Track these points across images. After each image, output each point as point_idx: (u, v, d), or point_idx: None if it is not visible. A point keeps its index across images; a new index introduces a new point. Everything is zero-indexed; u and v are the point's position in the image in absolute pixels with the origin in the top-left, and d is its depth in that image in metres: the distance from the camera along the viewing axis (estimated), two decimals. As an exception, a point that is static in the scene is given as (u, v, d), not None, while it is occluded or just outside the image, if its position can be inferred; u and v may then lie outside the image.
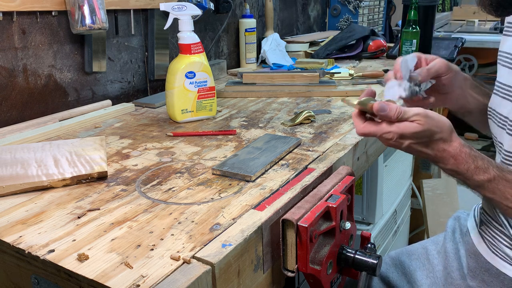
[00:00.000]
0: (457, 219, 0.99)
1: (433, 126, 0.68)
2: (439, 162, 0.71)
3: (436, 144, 0.70)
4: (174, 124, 1.06)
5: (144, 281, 0.49)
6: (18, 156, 0.80)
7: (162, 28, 1.21)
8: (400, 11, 2.36)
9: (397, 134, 0.69)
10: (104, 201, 0.68)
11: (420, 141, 0.69)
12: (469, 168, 0.69)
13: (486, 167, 0.69)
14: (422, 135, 0.68)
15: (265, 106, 1.20)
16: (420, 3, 1.81)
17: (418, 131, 0.68)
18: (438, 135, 0.69)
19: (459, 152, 0.70)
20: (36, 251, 0.55)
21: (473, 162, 0.70)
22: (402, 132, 0.68)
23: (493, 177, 0.69)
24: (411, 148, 0.70)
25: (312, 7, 2.33)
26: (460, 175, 0.71)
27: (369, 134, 0.72)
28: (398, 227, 1.69)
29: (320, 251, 0.65)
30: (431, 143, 0.69)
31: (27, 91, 1.05)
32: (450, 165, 0.70)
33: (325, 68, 1.59)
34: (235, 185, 0.72)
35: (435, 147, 0.70)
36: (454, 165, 0.70)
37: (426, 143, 0.69)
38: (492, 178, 0.69)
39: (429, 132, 0.68)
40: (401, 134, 0.69)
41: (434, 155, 0.71)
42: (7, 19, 0.98)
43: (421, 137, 0.69)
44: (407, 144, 0.70)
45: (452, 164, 0.70)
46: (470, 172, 0.70)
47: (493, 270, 0.82)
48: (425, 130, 0.68)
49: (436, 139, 0.69)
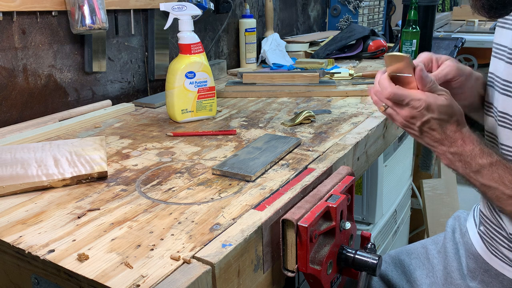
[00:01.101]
0: (457, 219, 0.99)
1: (455, 106, 0.72)
2: (444, 144, 0.73)
3: (451, 125, 0.72)
4: (174, 124, 1.06)
5: (144, 281, 0.49)
6: (18, 156, 0.80)
7: (162, 28, 1.21)
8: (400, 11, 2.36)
9: (426, 102, 0.70)
10: (104, 201, 0.68)
11: (440, 118, 0.71)
12: (474, 150, 0.71)
13: (490, 152, 0.71)
14: (445, 110, 0.70)
15: (265, 106, 1.20)
16: (420, 3, 1.81)
17: (444, 104, 0.70)
18: (456, 116, 0.72)
19: (469, 135, 0.72)
20: (36, 251, 0.55)
21: (479, 145, 0.71)
22: (430, 102, 0.70)
23: (495, 160, 0.70)
24: (428, 125, 0.71)
25: (312, 7, 2.33)
26: (462, 158, 0.72)
27: (399, 95, 0.72)
28: (398, 227, 1.69)
29: (320, 251, 0.65)
30: (447, 123, 0.71)
31: (27, 91, 1.05)
32: (457, 146, 0.72)
33: (325, 68, 1.59)
34: (235, 185, 0.72)
35: (449, 127, 0.72)
36: (461, 146, 0.71)
37: (443, 122, 0.71)
38: (494, 162, 0.70)
39: (451, 110, 0.71)
40: (428, 104, 0.70)
41: (443, 136, 0.72)
42: (7, 19, 0.98)
43: (444, 112, 0.70)
44: (428, 118, 0.71)
45: (459, 145, 0.71)
46: (474, 153, 0.71)
47: (492, 271, 0.82)
48: (449, 106, 0.71)
49: (453, 120, 0.71)
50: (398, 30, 2.58)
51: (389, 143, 1.14)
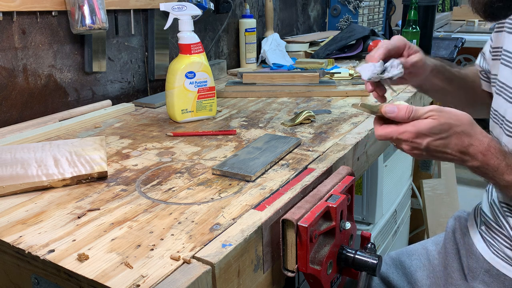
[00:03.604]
0: (458, 219, 0.98)
1: (450, 119, 0.65)
2: (466, 160, 0.67)
3: (459, 138, 0.66)
4: (174, 124, 1.06)
5: (144, 281, 0.49)
6: (18, 156, 0.80)
7: (162, 28, 1.21)
8: (400, 11, 2.36)
9: (412, 133, 0.65)
10: (104, 201, 0.68)
11: (439, 137, 0.65)
12: (500, 166, 0.66)
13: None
14: (439, 129, 0.65)
15: (265, 106, 1.20)
16: (420, 3, 1.81)
17: (434, 125, 0.65)
18: (458, 128, 0.65)
19: (488, 146, 0.66)
20: (36, 251, 0.55)
21: (504, 159, 0.66)
22: (417, 129, 0.65)
23: None
24: (432, 148, 0.66)
25: (312, 7, 2.33)
26: (488, 173, 0.67)
27: (386, 136, 0.69)
28: (398, 227, 1.69)
29: (320, 251, 0.65)
30: (452, 138, 0.66)
31: (27, 91, 1.05)
32: (479, 161, 0.66)
33: (325, 68, 1.59)
34: (235, 185, 0.72)
35: (458, 142, 0.66)
36: (484, 162, 0.66)
37: (446, 139, 0.66)
38: None
39: (447, 125, 0.65)
40: (416, 132, 0.65)
41: (458, 153, 0.66)
42: (7, 19, 0.98)
43: (439, 131, 0.65)
44: (426, 143, 0.66)
45: (481, 160, 0.66)
46: (501, 170, 0.66)
47: (493, 271, 0.82)
48: (442, 124, 0.65)
49: (457, 132, 0.65)
50: (398, 30, 2.58)
51: (389, 143, 1.14)
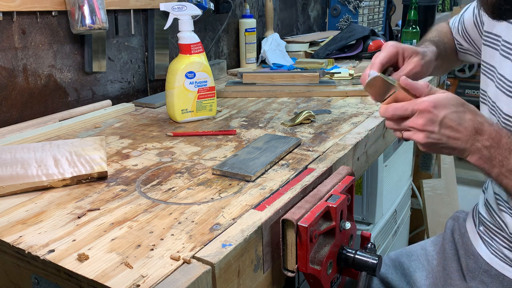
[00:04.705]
0: (456, 220, 0.99)
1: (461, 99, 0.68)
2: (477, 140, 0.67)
3: (473, 114, 0.67)
4: (174, 124, 1.06)
5: (144, 281, 0.49)
6: (18, 156, 0.80)
7: (162, 28, 1.21)
8: (400, 11, 2.36)
9: (431, 102, 0.66)
10: (104, 201, 0.68)
11: (456, 110, 0.66)
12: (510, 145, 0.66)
13: None
14: (455, 101, 0.67)
15: (265, 106, 1.20)
16: (420, 3, 1.81)
17: (452, 97, 0.67)
18: (471, 106, 0.68)
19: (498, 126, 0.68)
20: (36, 251, 0.55)
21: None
22: (436, 99, 0.66)
23: None
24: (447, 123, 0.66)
25: (312, 7, 2.33)
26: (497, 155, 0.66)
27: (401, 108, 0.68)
28: (398, 227, 1.69)
29: (320, 251, 0.65)
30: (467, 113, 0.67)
31: (27, 91, 1.05)
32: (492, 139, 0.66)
33: (325, 68, 1.59)
34: (235, 185, 0.72)
35: (472, 118, 0.67)
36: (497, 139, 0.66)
37: (462, 113, 0.67)
38: None
39: (462, 102, 0.68)
40: (435, 102, 0.66)
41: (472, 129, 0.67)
42: (7, 19, 0.98)
43: (455, 104, 0.67)
44: (443, 115, 0.66)
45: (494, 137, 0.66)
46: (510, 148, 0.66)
47: (492, 271, 0.82)
48: (458, 99, 0.67)
49: (471, 110, 0.68)
50: (398, 30, 2.58)
51: (389, 143, 1.14)
